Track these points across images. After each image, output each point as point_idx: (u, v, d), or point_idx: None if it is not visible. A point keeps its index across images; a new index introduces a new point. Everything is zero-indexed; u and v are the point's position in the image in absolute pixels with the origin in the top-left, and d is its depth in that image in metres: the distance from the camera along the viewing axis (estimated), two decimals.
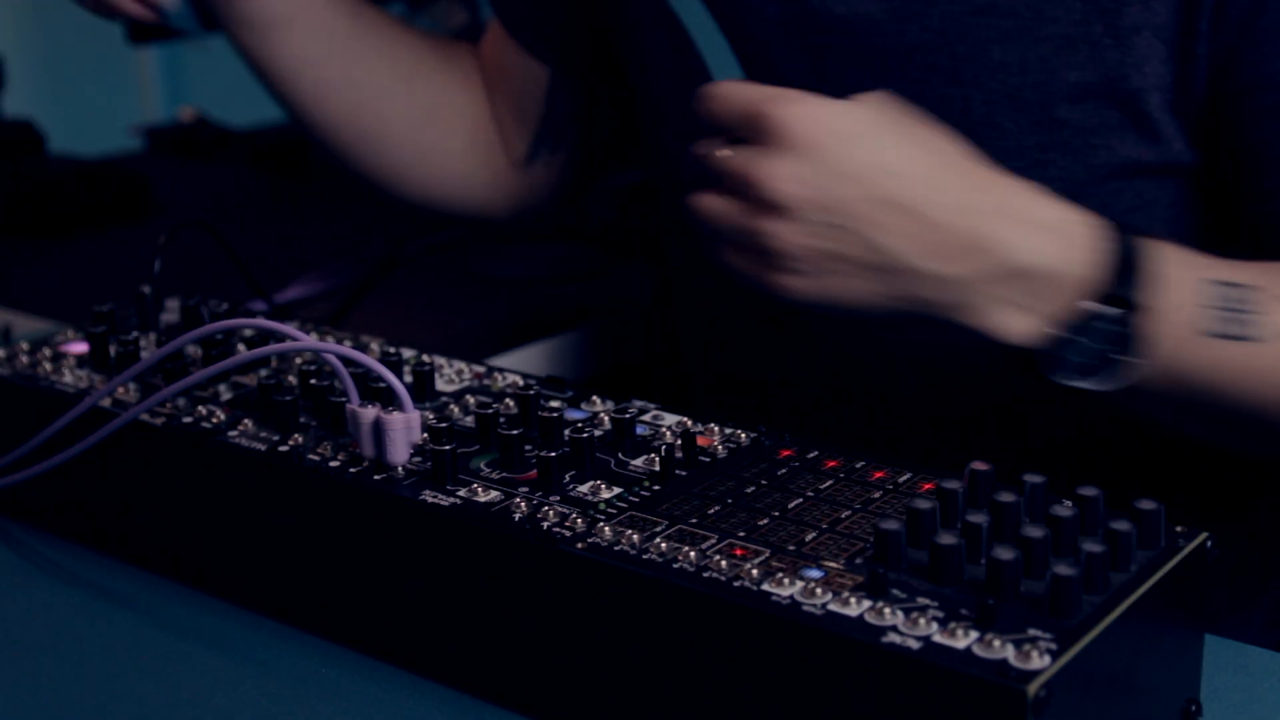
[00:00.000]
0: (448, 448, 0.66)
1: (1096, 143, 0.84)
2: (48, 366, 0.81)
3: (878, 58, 0.87)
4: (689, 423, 0.72)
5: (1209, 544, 0.61)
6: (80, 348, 0.83)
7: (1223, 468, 0.91)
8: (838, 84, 0.88)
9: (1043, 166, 0.84)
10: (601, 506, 0.64)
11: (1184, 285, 0.74)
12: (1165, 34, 0.81)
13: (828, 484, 0.65)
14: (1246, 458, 0.88)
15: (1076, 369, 0.73)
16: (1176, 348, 0.74)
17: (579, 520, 0.62)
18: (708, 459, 0.68)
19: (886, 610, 0.55)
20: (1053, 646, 0.53)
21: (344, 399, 0.69)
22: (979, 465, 0.62)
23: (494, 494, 0.65)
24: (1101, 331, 0.72)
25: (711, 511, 0.63)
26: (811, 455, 0.68)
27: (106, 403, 0.76)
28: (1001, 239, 0.72)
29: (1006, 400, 0.89)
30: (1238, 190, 0.84)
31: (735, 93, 0.75)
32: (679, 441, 0.68)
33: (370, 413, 0.67)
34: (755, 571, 0.58)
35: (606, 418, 0.72)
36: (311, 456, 0.69)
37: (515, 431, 0.67)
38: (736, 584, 0.57)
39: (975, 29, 0.84)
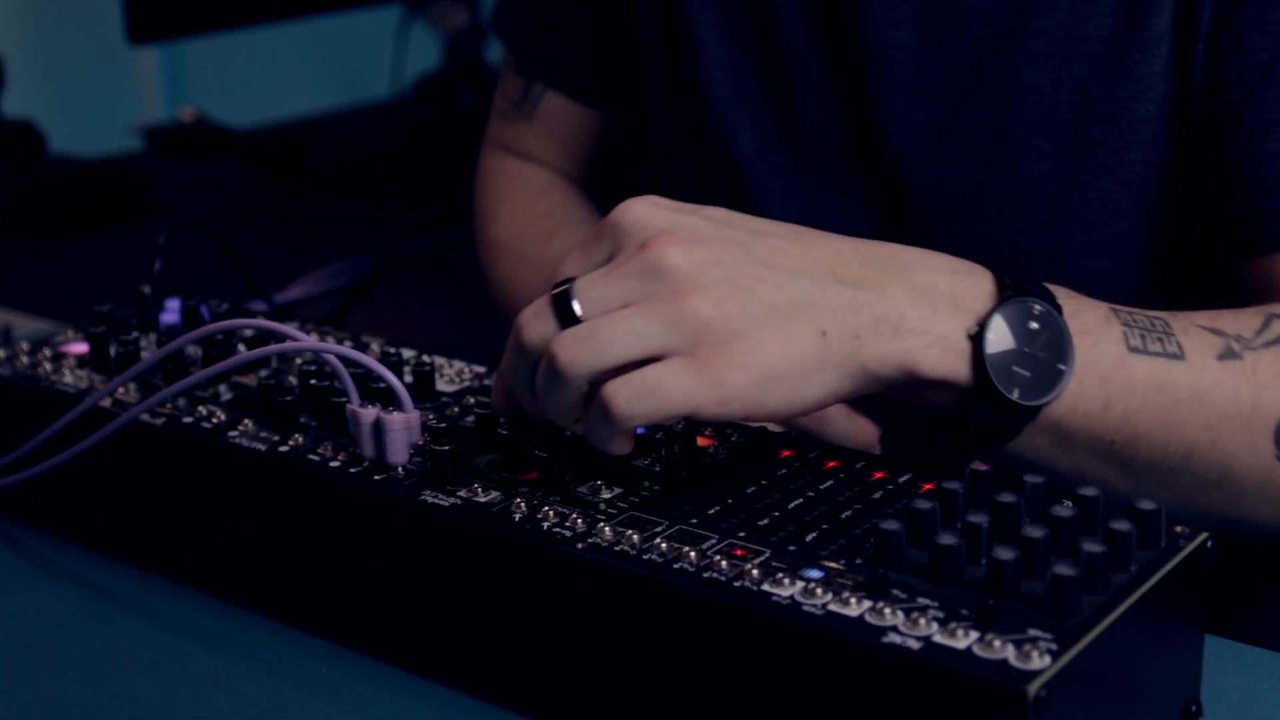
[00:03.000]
0: (448, 448, 0.66)
1: (1133, 159, 0.83)
2: (48, 366, 0.81)
3: (910, 85, 0.86)
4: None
5: (1209, 544, 0.61)
6: (80, 348, 0.83)
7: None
8: (866, 111, 0.87)
9: (1081, 189, 0.84)
10: (602, 507, 0.64)
11: (1098, 306, 0.69)
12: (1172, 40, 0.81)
13: (828, 484, 0.65)
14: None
15: (1006, 379, 0.65)
16: (1100, 359, 0.68)
17: (579, 520, 0.62)
18: (708, 459, 0.68)
19: (887, 610, 0.55)
20: (1053, 647, 0.53)
21: (344, 399, 0.69)
22: (979, 465, 0.62)
23: (494, 494, 0.65)
24: (1029, 333, 0.66)
25: (712, 511, 0.63)
26: (811, 455, 0.68)
27: (106, 403, 0.76)
28: (903, 256, 0.66)
29: None
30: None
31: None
32: (679, 441, 0.68)
33: (370, 413, 0.67)
34: (755, 571, 0.58)
35: None
36: (311, 456, 0.69)
37: (515, 432, 0.67)
38: (737, 584, 0.57)
39: (1006, 51, 0.84)
